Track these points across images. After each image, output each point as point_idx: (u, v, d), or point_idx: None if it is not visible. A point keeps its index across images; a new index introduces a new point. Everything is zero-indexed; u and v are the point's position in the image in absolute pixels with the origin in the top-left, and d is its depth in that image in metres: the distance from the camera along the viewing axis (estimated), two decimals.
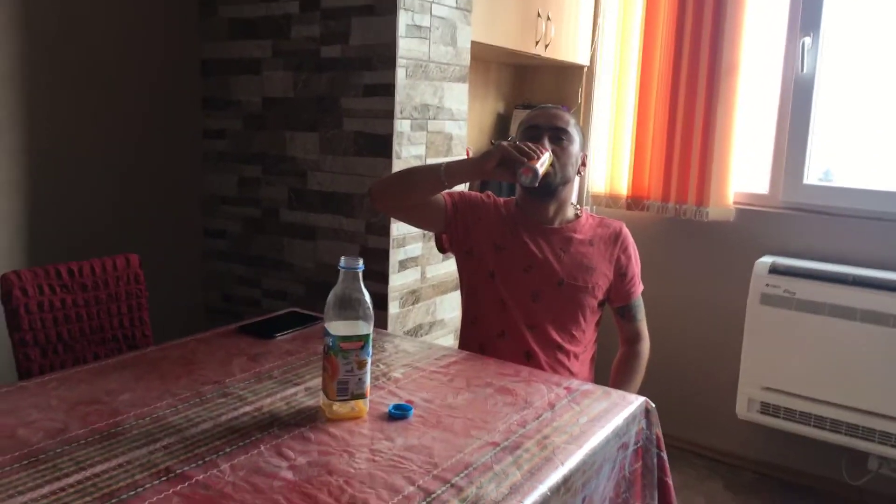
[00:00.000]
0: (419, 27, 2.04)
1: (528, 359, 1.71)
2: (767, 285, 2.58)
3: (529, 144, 1.59)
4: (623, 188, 3.01)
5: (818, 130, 2.71)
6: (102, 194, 2.17)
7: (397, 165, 2.04)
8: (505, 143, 1.58)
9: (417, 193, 1.72)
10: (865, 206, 2.60)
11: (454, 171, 1.64)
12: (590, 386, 1.47)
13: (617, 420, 1.31)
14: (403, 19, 1.98)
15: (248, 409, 1.28)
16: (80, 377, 1.38)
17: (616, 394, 1.43)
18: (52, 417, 1.20)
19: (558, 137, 1.73)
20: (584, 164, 1.82)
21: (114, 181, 2.20)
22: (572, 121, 1.79)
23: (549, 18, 2.68)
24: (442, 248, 1.86)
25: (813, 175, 2.74)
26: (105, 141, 2.17)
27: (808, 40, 2.65)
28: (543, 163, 1.56)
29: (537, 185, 1.54)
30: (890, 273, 2.46)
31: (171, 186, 2.37)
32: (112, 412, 1.23)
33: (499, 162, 1.56)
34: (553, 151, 1.69)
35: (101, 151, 2.16)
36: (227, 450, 1.12)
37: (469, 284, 1.83)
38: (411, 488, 1.03)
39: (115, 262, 1.80)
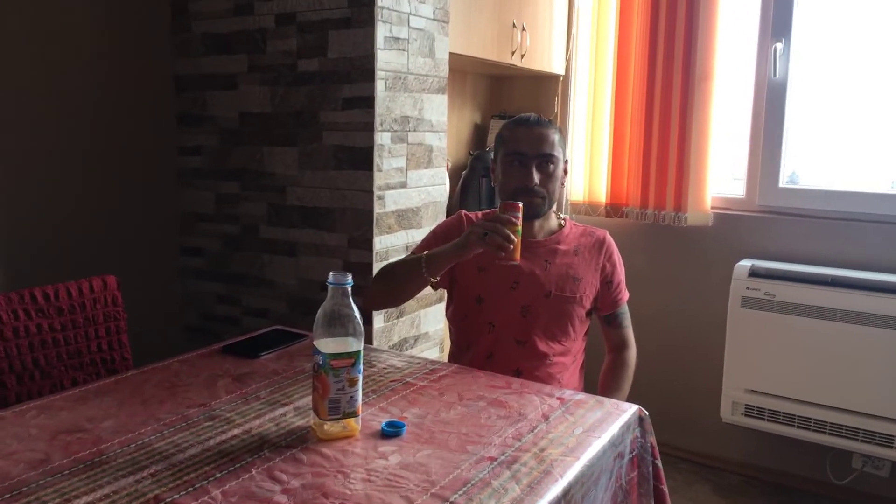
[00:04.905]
0: (397, 39, 2.03)
1: (519, 375, 1.69)
2: (748, 288, 2.60)
3: (502, 229, 1.49)
4: (602, 195, 3.02)
5: (790, 134, 2.74)
6: (76, 215, 2.12)
7: (378, 179, 2.02)
8: (478, 230, 1.52)
9: (406, 293, 1.76)
10: (839, 207, 2.64)
11: (434, 263, 1.61)
12: (582, 395, 1.45)
13: (612, 429, 1.30)
14: (381, 31, 1.97)
15: (236, 431, 1.24)
16: (59, 405, 1.33)
17: (609, 403, 1.42)
18: (33, 448, 1.15)
19: (546, 163, 1.72)
20: (565, 171, 1.81)
21: (88, 201, 2.15)
22: (556, 137, 1.74)
23: (524, 29, 2.68)
24: (436, 287, 1.84)
25: (783, 178, 2.77)
26: (78, 160, 2.12)
27: (779, 45, 2.68)
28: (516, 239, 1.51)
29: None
30: (866, 273, 2.49)
31: (147, 205, 2.32)
32: (95, 440, 1.19)
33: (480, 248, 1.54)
34: (540, 181, 1.70)
35: (74, 171, 2.11)
36: (218, 475, 1.08)
37: (457, 312, 1.82)
38: None
39: (92, 284, 1.75)
